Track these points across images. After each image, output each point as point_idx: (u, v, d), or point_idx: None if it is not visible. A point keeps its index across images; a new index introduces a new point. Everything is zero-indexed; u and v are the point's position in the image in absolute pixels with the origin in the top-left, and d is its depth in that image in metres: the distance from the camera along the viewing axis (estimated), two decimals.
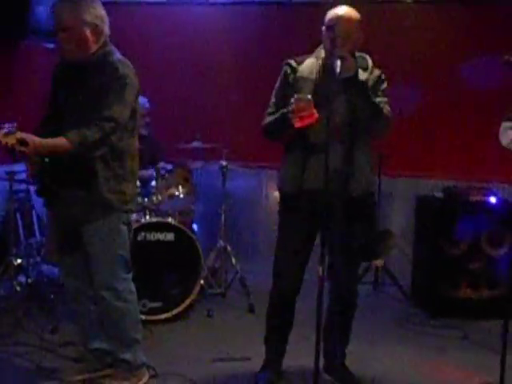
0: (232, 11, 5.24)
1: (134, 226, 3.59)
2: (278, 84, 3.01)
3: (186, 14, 5.31)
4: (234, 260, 4.47)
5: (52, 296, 3.98)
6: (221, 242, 4.49)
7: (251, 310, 4.24)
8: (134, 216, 3.67)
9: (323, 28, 2.87)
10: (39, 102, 4.92)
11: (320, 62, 2.93)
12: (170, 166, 4.24)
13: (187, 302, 3.99)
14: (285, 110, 2.80)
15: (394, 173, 4.99)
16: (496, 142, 3.66)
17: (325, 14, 2.89)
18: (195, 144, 4.47)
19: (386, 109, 2.88)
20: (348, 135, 2.85)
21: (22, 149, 2.57)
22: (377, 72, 2.93)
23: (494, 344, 3.16)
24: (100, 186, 2.81)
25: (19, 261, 4.05)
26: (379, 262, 4.78)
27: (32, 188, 4.13)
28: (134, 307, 3.03)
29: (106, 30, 2.83)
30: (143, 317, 3.51)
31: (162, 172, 4.16)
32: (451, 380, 3.36)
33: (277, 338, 3.18)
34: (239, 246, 4.82)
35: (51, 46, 4.92)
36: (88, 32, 2.75)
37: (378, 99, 2.86)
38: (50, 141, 2.66)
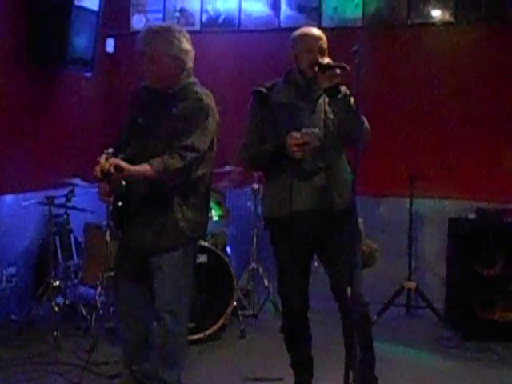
0: (263, 38, 5.35)
1: None
2: (251, 113, 3.04)
3: (220, 41, 5.44)
4: (266, 281, 4.51)
5: (89, 317, 4.08)
6: (253, 264, 4.54)
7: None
8: None
9: (294, 46, 2.95)
10: (77, 128, 5.13)
11: (292, 86, 2.96)
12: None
13: (220, 323, 4.05)
14: (277, 143, 2.83)
15: (425, 194, 4.99)
16: None
17: (355, 38, 2.96)
18: (228, 168, 4.55)
19: (366, 121, 2.90)
20: (329, 151, 2.89)
21: (118, 174, 2.64)
22: (344, 88, 2.92)
23: None
24: (174, 214, 2.84)
25: (57, 283, 4.15)
26: (411, 284, 4.76)
27: (70, 212, 4.28)
28: (186, 333, 3.07)
29: (190, 63, 2.92)
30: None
31: None
32: None
33: (299, 358, 3.18)
34: (271, 268, 4.84)
35: (89, 74, 5.11)
36: (172, 64, 2.84)
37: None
38: (137, 168, 2.72)
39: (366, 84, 2.78)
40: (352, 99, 2.92)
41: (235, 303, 4.21)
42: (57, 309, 4.08)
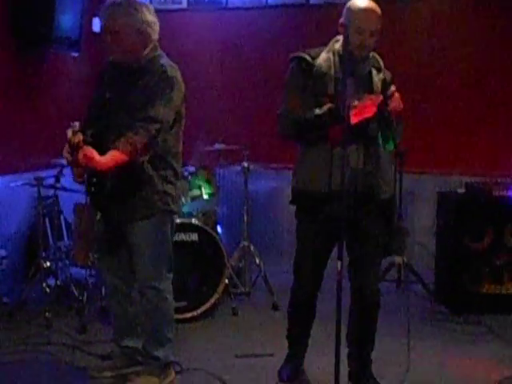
0: (249, 15, 5.32)
1: None
2: (293, 79, 2.87)
3: (206, 19, 5.40)
4: (257, 259, 4.53)
5: (80, 297, 4.08)
6: (244, 242, 4.55)
7: (275, 307, 4.30)
8: None
9: (345, 21, 2.76)
10: (64, 108, 5.09)
11: (337, 57, 2.84)
12: (193, 168, 4.32)
13: (212, 301, 4.06)
14: (332, 108, 2.70)
15: (415, 170, 5.00)
16: None
17: (340, 14, 2.85)
18: (217, 146, 4.54)
19: (399, 126, 2.88)
20: (369, 134, 2.83)
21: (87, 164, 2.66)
22: (388, 73, 2.91)
23: None
24: (145, 187, 2.86)
25: (48, 264, 4.15)
26: (401, 260, 4.79)
27: (60, 194, 4.27)
28: (172, 307, 3.10)
29: (155, 35, 2.88)
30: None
31: (186, 174, 4.23)
32: (476, 374, 3.37)
33: (298, 334, 3.21)
34: (262, 246, 4.87)
35: (75, 53, 5.05)
36: (135, 37, 2.81)
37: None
38: (107, 158, 2.70)
39: None
40: (393, 87, 2.86)
41: (227, 281, 4.23)
42: (48, 290, 4.09)
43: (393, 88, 2.81)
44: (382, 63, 2.95)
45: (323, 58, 2.85)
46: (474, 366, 3.47)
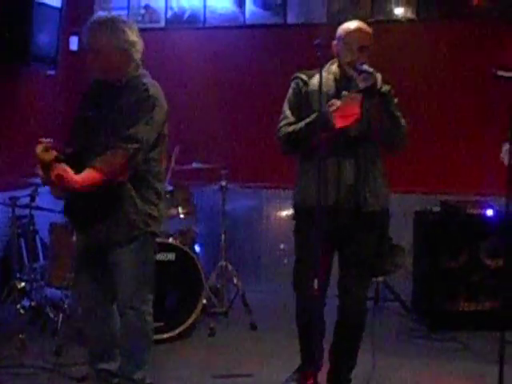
0: (227, 34, 5.35)
1: None
2: (290, 97, 3.01)
3: (185, 38, 5.42)
4: (235, 279, 4.50)
5: (56, 318, 4.02)
6: (222, 262, 4.53)
7: (253, 327, 4.28)
8: None
9: (337, 42, 2.94)
10: (40, 127, 5.05)
11: (331, 76, 2.96)
12: (170, 187, 4.30)
13: (189, 321, 4.03)
14: (319, 114, 2.76)
15: (392, 189, 5.02)
16: (491, 156, 3.70)
17: (318, 34, 2.93)
18: (195, 165, 4.53)
19: (403, 121, 2.92)
20: (363, 149, 2.88)
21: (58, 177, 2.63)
22: (387, 87, 2.93)
23: (493, 354, 3.16)
24: (126, 207, 2.82)
25: (23, 284, 4.09)
26: (379, 278, 4.81)
27: (35, 213, 4.21)
28: (152, 329, 3.05)
29: (137, 54, 2.87)
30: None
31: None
32: None
33: (307, 349, 3.17)
34: (241, 265, 4.86)
35: (52, 72, 5.03)
36: (116, 56, 2.80)
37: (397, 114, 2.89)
38: (83, 176, 2.67)
39: None
40: (395, 99, 2.94)
41: (205, 301, 4.20)
42: (22, 311, 4.01)
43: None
44: (380, 77, 2.94)
45: (318, 77, 2.88)
46: (449, 382, 3.50)
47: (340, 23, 5.19)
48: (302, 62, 3.12)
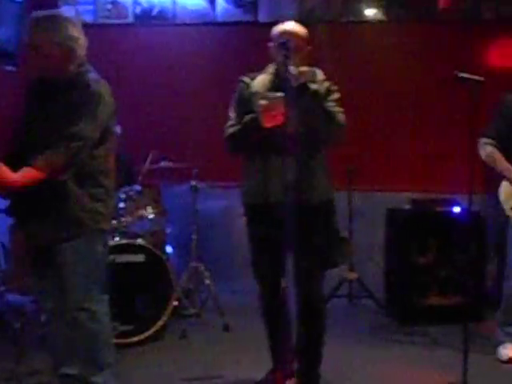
0: (198, 31, 5.29)
1: None
2: (234, 99, 3.12)
3: (153, 34, 5.34)
4: (207, 280, 4.46)
5: (17, 325, 3.91)
6: (193, 263, 4.49)
7: (226, 328, 4.25)
8: None
9: (272, 44, 3.01)
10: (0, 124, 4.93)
11: (270, 77, 3.05)
12: (138, 187, 4.24)
13: (159, 324, 3.97)
14: (253, 115, 2.86)
15: (364, 187, 5.05)
16: (460, 154, 3.74)
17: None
18: (163, 164, 4.47)
19: (339, 116, 2.97)
20: (303, 146, 2.91)
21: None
22: (326, 84, 3.01)
23: (461, 347, 3.24)
24: (72, 205, 2.76)
25: None
26: (353, 275, 4.83)
27: None
28: (108, 329, 2.98)
29: (80, 50, 2.79)
30: (114, 340, 3.49)
31: (131, 193, 4.16)
32: (422, 383, 3.45)
33: (276, 345, 3.19)
34: (213, 266, 4.82)
35: (12, 67, 4.90)
36: (57, 52, 2.73)
37: (329, 107, 2.95)
38: (21, 174, 2.61)
39: None
40: (336, 95, 3.01)
41: (176, 303, 4.15)
42: None
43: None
44: (320, 76, 3.03)
45: (259, 79, 3.06)
46: (420, 375, 3.54)
47: (311, 22, 5.26)
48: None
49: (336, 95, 3.04)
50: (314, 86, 2.92)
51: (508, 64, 4.91)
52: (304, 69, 2.84)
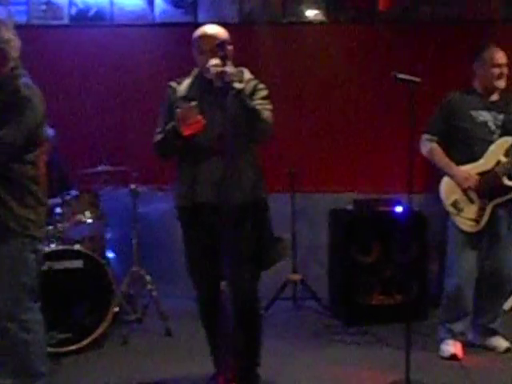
0: (136, 33, 5.20)
1: None
2: (162, 106, 3.14)
3: (90, 36, 5.22)
4: (148, 285, 4.37)
5: None
6: (134, 267, 4.39)
7: (168, 333, 4.18)
8: None
9: (195, 47, 3.04)
10: None
11: (195, 80, 3.08)
12: (75, 192, 4.14)
13: (99, 331, 3.87)
14: (173, 122, 2.90)
15: (306, 189, 5.07)
16: (401, 155, 3.78)
17: (230, 35, 3.04)
18: (101, 168, 4.36)
19: (266, 113, 2.97)
20: (230, 145, 2.89)
21: None
22: (253, 82, 3.04)
23: (404, 345, 3.25)
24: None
25: None
26: (296, 277, 4.83)
27: None
28: (40, 338, 2.90)
29: (13, 53, 2.74)
30: (52, 349, 3.40)
31: (67, 198, 4.05)
32: (366, 381, 3.45)
33: (216, 347, 3.16)
34: (156, 270, 4.74)
35: None
36: None
37: (256, 105, 2.95)
38: None
39: None
40: (263, 92, 3.03)
41: (116, 309, 4.05)
42: None
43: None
44: (246, 75, 3.03)
45: (185, 83, 3.09)
46: (363, 375, 3.54)
47: (252, 23, 5.27)
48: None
49: (263, 93, 3.05)
50: (238, 86, 2.91)
51: (445, 64, 5.02)
52: (232, 69, 2.84)
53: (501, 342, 3.83)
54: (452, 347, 3.70)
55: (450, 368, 3.56)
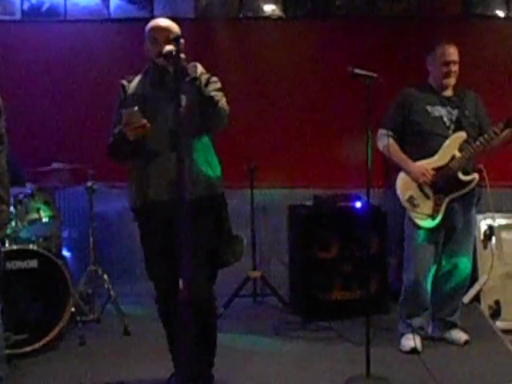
0: (91, 28, 5.11)
1: None
2: (115, 105, 3.10)
3: (43, 31, 5.11)
4: (106, 284, 4.30)
5: None
6: (91, 266, 4.32)
7: (127, 333, 4.13)
8: None
9: (146, 40, 3.02)
10: None
11: (147, 76, 3.04)
12: (29, 190, 4.03)
13: (55, 331, 3.79)
14: (120, 126, 2.88)
15: (266, 185, 5.06)
16: (360, 150, 3.77)
17: (187, 30, 3.05)
18: (56, 165, 4.27)
19: (222, 102, 2.95)
20: (185, 140, 2.84)
21: None
22: (205, 76, 2.99)
23: (364, 340, 3.29)
24: None
25: None
26: (256, 274, 4.81)
27: None
28: (0, 341, 2.81)
29: None
30: (8, 351, 3.29)
31: (21, 196, 3.94)
32: (326, 376, 3.44)
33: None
34: (114, 269, 4.67)
35: None
36: None
37: (212, 93, 2.92)
38: None
39: None
40: (217, 84, 2.99)
41: (73, 309, 3.97)
42: None
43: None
44: (199, 69, 2.96)
45: (136, 80, 3.06)
46: (324, 369, 3.54)
47: (208, 18, 5.23)
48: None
49: (217, 85, 3.02)
50: (193, 73, 2.89)
51: (403, 60, 5.07)
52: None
53: (460, 335, 3.87)
54: (412, 341, 3.70)
55: (410, 362, 3.58)
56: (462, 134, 3.72)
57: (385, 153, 3.81)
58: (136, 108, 2.82)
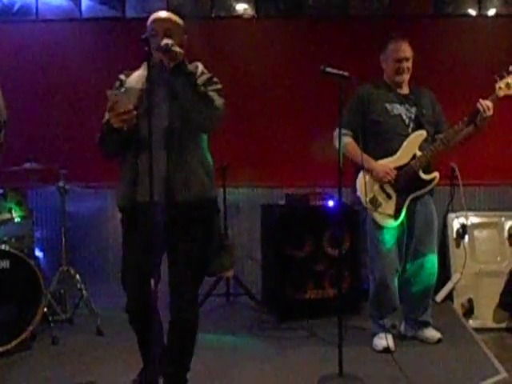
0: (63, 28, 5.09)
1: None
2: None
3: (16, 31, 5.07)
4: (78, 284, 4.28)
5: None
6: (64, 267, 4.29)
7: (99, 333, 4.11)
8: None
9: (148, 31, 2.90)
10: None
11: (145, 70, 2.86)
12: (0, 190, 3.99)
13: (27, 332, 3.76)
14: (107, 117, 2.74)
15: (238, 184, 5.09)
16: (332, 149, 3.79)
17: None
18: (28, 165, 4.24)
19: (218, 101, 2.86)
20: (177, 140, 2.81)
21: None
22: (206, 75, 2.94)
23: (336, 339, 3.30)
24: None
25: None
26: (230, 273, 4.81)
27: None
28: None
29: None
30: None
31: None
32: (299, 375, 3.44)
33: (146, 353, 3.01)
34: (87, 269, 4.65)
35: None
36: None
37: (208, 91, 2.84)
38: None
39: None
40: (217, 85, 2.91)
41: (45, 309, 3.95)
42: None
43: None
44: (200, 68, 2.96)
45: (134, 75, 2.95)
46: (297, 368, 3.55)
47: (180, 17, 5.20)
48: (141, 56, 3.02)
49: (216, 86, 2.93)
50: (190, 67, 2.83)
51: (375, 59, 5.13)
52: (175, 51, 2.73)
53: (433, 334, 3.87)
54: (384, 340, 3.69)
55: (382, 361, 3.58)
56: (422, 133, 3.70)
57: (344, 152, 3.62)
58: (123, 89, 2.69)
